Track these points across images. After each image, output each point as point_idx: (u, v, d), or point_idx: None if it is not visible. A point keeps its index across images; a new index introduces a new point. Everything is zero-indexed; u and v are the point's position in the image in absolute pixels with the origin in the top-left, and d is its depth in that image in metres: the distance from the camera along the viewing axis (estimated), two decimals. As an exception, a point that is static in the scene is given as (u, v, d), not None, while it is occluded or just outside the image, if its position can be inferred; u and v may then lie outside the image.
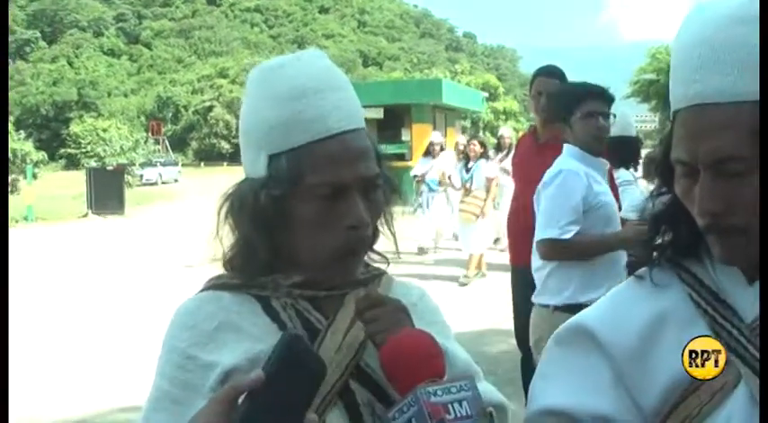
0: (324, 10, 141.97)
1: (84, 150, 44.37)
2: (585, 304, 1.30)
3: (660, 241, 1.17)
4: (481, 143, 10.92)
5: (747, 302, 1.06)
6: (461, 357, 1.34)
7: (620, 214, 3.95)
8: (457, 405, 1.02)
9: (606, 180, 3.88)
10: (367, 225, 1.22)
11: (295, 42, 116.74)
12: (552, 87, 4.71)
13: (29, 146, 32.12)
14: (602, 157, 3.85)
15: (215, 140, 78.49)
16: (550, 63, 4.99)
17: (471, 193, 10.48)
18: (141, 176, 41.39)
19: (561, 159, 3.86)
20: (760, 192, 0.98)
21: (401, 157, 21.02)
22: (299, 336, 1.01)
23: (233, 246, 1.29)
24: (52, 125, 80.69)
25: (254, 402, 0.93)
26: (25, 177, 24.62)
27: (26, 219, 21.53)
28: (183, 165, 61.03)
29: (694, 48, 1.02)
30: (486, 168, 10.55)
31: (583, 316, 1.21)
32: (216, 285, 1.30)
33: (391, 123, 22.32)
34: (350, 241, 1.22)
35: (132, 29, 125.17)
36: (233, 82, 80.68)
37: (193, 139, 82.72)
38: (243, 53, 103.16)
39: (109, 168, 27.30)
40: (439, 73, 66.72)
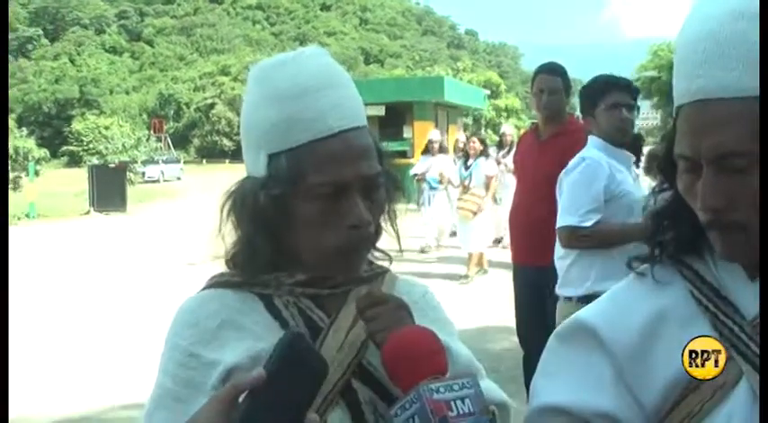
0: (325, 7, 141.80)
1: (86, 148, 44.38)
2: None
3: (662, 238, 1.16)
4: (481, 141, 10.88)
5: (749, 299, 1.06)
6: (464, 355, 1.34)
7: None
8: (459, 402, 1.02)
9: (632, 171, 3.89)
10: (368, 224, 1.21)
11: (297, 40, 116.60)
12: (554, 84, 4.72)
13: (31, 143, 32.18)
14: (626, 149, 3.86)
15: (217, 138, 78.50)
16: (552, 60, 5.00)
17: (470, 191, 10.46)
18: (143, 174, 41.40)
19: (585, 149, 3.89)
20: (760, 190, 0.98)
21: (403, 155, 20.99)
22: (301, 334, 1.01)
23: (235, 244, 1.28)
24: (54, 122, 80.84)
25: (254, 401, 0.93)
26: (27, 175, 24.62)
27: (28, 216, 21.53)
28: (185, 162, 61.07)
29: (698, 43, 1.01)
30: (485, 166, 10.53)
31: (584, 313, 1.21)
32: (218, 283, 1.30)
33: (393, 121, 22.32)
34: (351, 240, 1.21)
35: (134, 26, 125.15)
36: (235, 79, 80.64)
37: (195, 137, 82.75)
38: (245, 50, 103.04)
39: (111, 166, 27.30)
40: (441, 70, 66.76)
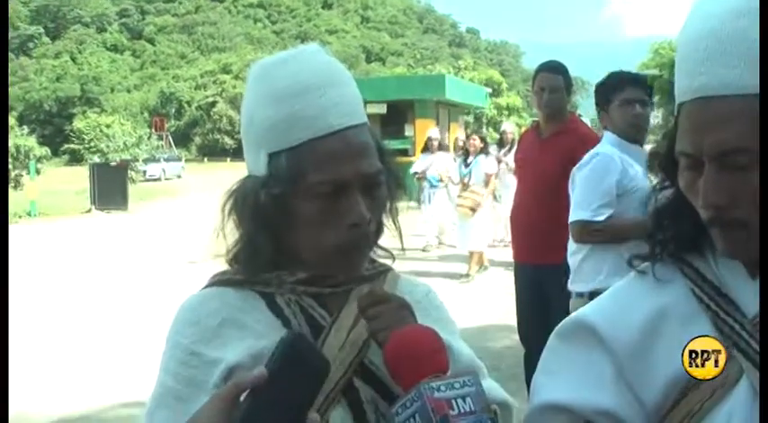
0: (327, 5, 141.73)
1: (87, 146, 44.30)
2: None
3: (662, 236, 1.16)
4: (481, 138, 10.86)
5: (749, 297, 1.06)
6: (465, 354, 1.34)
7: None
8: (460, 400, 1.02)
9: (645, 167, 3.89)
10: (369, 222, 1.21)
11: (298, 38, 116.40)
12: (555, 83, 4.72)
13: (32, 141, 32.08)
14: (640, 145, 3.87)
15: (218, 136, 78.52)
16: (553, 59, 5.00)
17: (469, 188, 10.43)
18: (144, 172, 41.38)
19: (599, 145, 3.90)
20: (760, 187, 0.98)
21: (404, 153, 20.98)
22: (303, 334, 1.00)
23: (237, 242, 1.28)
24: (55, 121, 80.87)
25: (256, 400, 0.93)
26: (28, 173, 24.60)
27: (29, 214, 21.55)
28: (187, 160, 61.10)
29: (700, 40, 1.01)
30: (485, 164, 10.50)
31: (585, 311, 1.21)
32: (220, 281, 1.30)
33: (394, 119, 22.32)
34: (352, 239, 1.20)
35: (135, 24, 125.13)
36: (236, 77, 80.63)
37: (197, 135, 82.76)
38: (246, 49, 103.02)
39: (112, 164, 27.33)
40: (442, 68, 66.76)
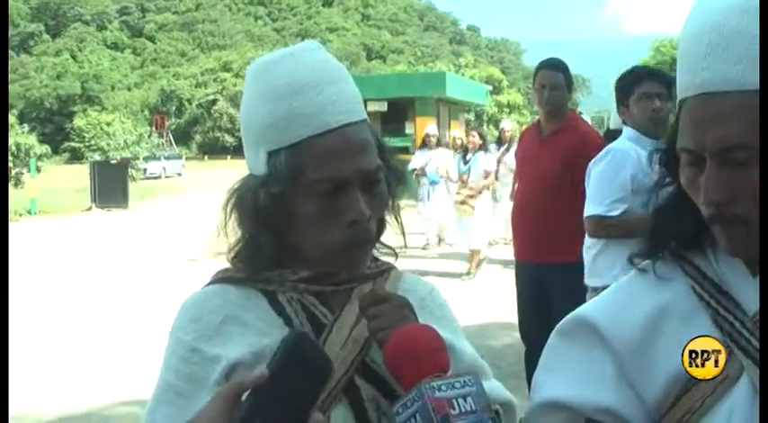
0: (327, 3, 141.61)
1: (87, 144, 44.33)
2: None
3: (663, 233, 1.16)
4: (480, 135, 10.80)
5: (750, 295, 1.06)
6: (468, 353, 1.34)
7: None
8: (461, 400, 1.02)
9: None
10: (369, 219, 1.21)
11: (299, 35, 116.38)
12: (555, 80, 4.72)
13: (32, 139, 32.13)
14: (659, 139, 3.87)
15: (219, 134, 78.43)
16: (554, 56, 5.00)
17: (468, 186, 10.36)
18: (145, 170, 41.35)
19: (617, 140, 3.91)
20: (760, 185, 0.97)
21: (405, 151, 20.98)
22: (306, 333, 1.00)
23: (239, 240, 1.28)
24: (56, 119, 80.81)
25: (257, 399, 0.92)
26: (29, 171, 24.63)
27: (30, 212, 21.56)
28: (187, 158, 61.01)
29: (702, 36, 1.00)
30: (484, 161, 10.44)
31: (586, 309, 1.21)
32: (222, 279, 1.30)
33: (395, 116, 22.35)
34: (353, 236, 1.20)
35: (136, 22, 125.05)
36: (237, 75, 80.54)
37: (197, 133, 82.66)
38: (246, 46, 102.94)
39: (113, 162, 27.34)
40: (443, 66, 66.62)
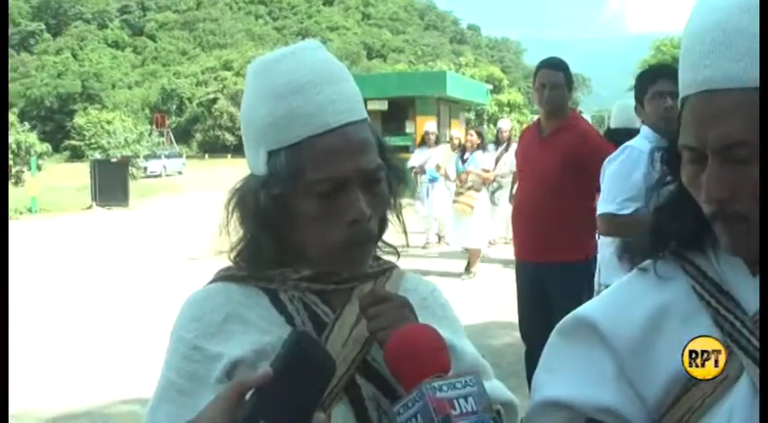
0: (328, 2, 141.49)
1: (88, 142, 44.32)
2: None
3: (664, 232, 1.16)
4: (478, 133, 10.76)
5: (750, 294, 1.05)
6: (469, 353, 1.34)
7: None
8: (462, 401, 1.01)
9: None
10: (369, 218, 1.21)
11: (299, 34, 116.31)
12: (556, 79, 4.72)
13: (33, 138, 32.13)
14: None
15: (219, 132, 78.39)
16: (554, 55, 4.99)
17: (466, 185, 10.25)
18: (145, 169, 41.34)
19: (634, 139, 3.92)
20: (760, 183, 0.97)
21: (405, 150, 20.97)
22: (309, 332, 1.00)
23: (240, 239, 1.29)
24: (56, 117, 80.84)
25: (260, 399, 0.92)
26: (29, 169, 24.65)
27: (30, 210, 21.56)
28: (188, 157, 60.94)
29: (705, 33, 1.00)
30: (482, 160, 10.39)
31: (586, 308, 1.21)
32: (224, 277, 1.30)
33: (395, 115, 22.33)
34: (353, 235, 1.20)
35: (136, 21, 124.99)
36: (237, 74, 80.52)
37: (198, 132, 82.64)
38: (247, 45, 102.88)
39: (113, 160, 27.32)
40: (443, 65, 66.54)
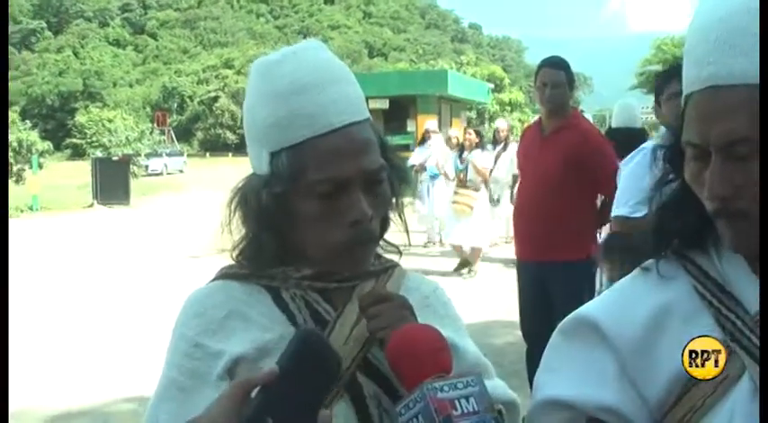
0: (329, 1, 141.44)
1: (89, 140, 44.39)
2: None
3: (667, 231, 1.15)
4: (477, 132, 10.72)
5: (752, 293, 1.05)
6: (471, 352, 1.34)
7: None
8: (464, 401, 1.01)
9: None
10: (371, 219, 1.21)
11: (300, 33, 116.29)
12: (557, 78, 4.72)
13: (34, 136, 32.18)
14: None
15: (220, 131, 78.43)
16: (556, 54, 4.99)
17: (465, 184, 10.24)
18: (147, 167, 41.35)
19: (651, 140, 3.91)
20: (760, 180, 0.97)
21: (406, 148, 20.96)
22: (316, 330, 1.00)
23: (242, 238, 1.29)
24: (58, 115, 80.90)
25: (267, 396, 0.92)
26: (31, 167, 24.69)
27: (31, 209, 21.60)
28: (189, 155, 60.92)
29: (710, 30, 1.00)
30: (480, 159, 10.36)
31: (588, 308, 1.21)
32: (226, 275, 1.31)
33: (397, 114, 22.37)
34: (355, 236, 1.20)
35: (138, 19, 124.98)
36: (238, 73, 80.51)
37: (199, 130, 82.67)
38: (248, 44, 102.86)
39: (114, 159, 27.39)
40: (444, 64, 66.54)
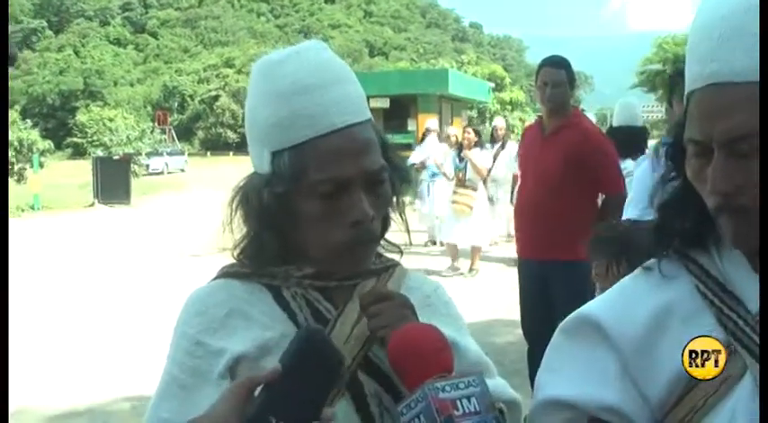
0: (330, 0, 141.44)
1: (90, 140, 44.32)
2: None
3: (669, 230, 1.15)
4: (476, 131, 10.67)
5: (753, 292, 1.05)
6: (472, 351, 1.34)
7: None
8: (465, 401, 1.02)
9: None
10: (372, 219, 1.21)
11: (301, 32, 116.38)
12: (558, 77, 4.71)
13: (35, 135, 32.08)
14: None
15: (221, 130, 78.49)
16: (556, 53, 4.99)
17: (464, 184, 10.19)
18: (147, 166, 41.30)
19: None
20: (760, 179, 0.97)
21: (407, 147, 20.94)
22: (319, 329, 1.00)
23: (244, 237, 1.29)
24: (58, 114, 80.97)
25: (270, 395, 0.93)
26: (32, 166, 24.67)
27: (32, 208, 21.59)
28: (190, 154, 60.93)
29: (713, 28, 1.00)
30: (479, 157, 10.33)
31: (589, 307, 1.21)
32: (227, 274, 1.31)
33: (397, 113, 22.32)
34: (356, 236, 1.21)
35: (138, 18, 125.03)
36: (239, 72, 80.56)
37: (199, 129, 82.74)
38: (249, 43, 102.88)
39: (115, 158, 27.38)
40: (445, 63, 66.40)
